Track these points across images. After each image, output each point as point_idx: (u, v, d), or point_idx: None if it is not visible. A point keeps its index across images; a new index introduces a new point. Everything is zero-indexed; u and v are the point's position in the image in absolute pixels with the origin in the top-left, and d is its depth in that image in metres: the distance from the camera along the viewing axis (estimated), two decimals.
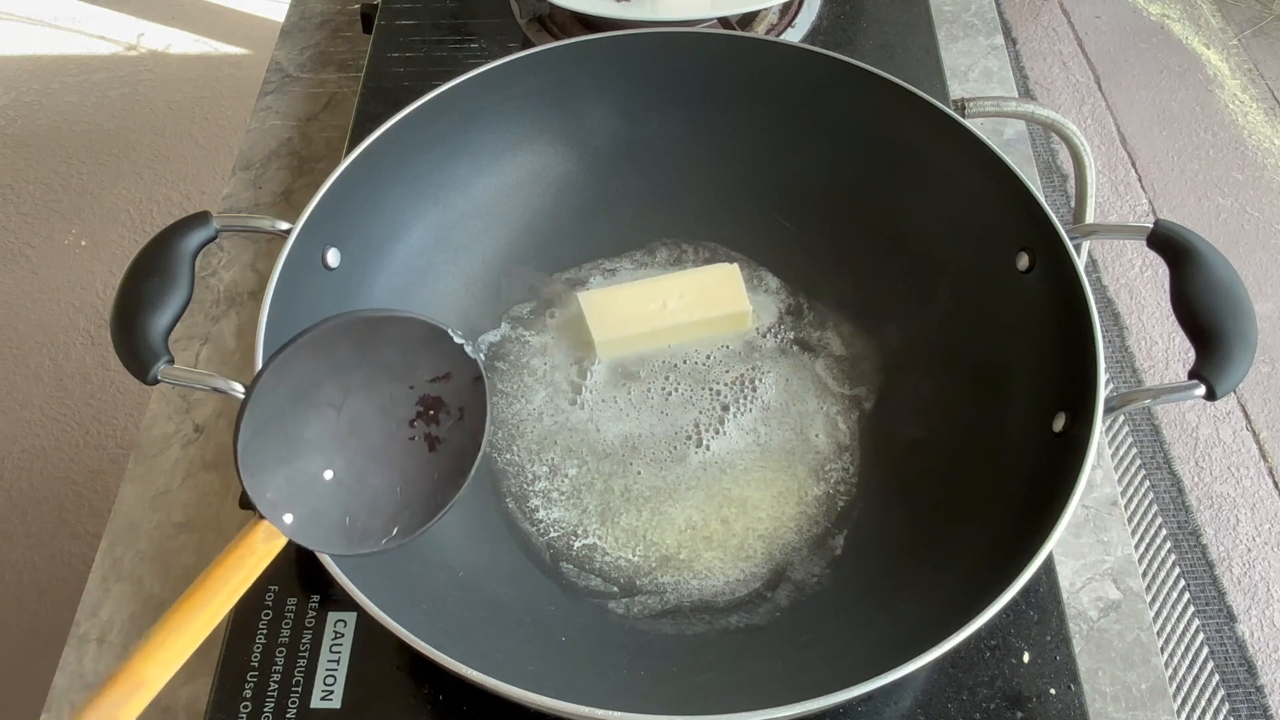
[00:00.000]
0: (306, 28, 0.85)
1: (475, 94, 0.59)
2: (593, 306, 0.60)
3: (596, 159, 0.64)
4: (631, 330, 0.60)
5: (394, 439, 0.33)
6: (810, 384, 0.60)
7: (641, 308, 0.60)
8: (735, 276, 0.61)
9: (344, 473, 0.32)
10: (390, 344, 0.33)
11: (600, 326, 0.59)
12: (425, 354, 0.33)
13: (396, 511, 0.33)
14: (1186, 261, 0.48)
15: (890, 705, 0.50)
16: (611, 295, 0.61)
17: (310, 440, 0.32)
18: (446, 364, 0.33)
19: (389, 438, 0.33)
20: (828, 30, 0.78)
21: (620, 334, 0.60)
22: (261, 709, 0.49)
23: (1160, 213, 1.68)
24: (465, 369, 0.33)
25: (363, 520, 0.33)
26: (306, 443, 0.32)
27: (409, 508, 0.33)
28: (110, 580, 0.56)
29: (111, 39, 1.99)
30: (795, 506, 0.55)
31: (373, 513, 0.33)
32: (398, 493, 0.33)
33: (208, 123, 1.85)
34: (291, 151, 0.76)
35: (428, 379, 0.33)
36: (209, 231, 0.50)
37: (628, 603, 0.52)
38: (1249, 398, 1.47)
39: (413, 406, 0.33)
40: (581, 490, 0.56)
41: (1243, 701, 1.22)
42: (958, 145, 0.56)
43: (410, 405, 0.33)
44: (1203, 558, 1.33)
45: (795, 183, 0.64)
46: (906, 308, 0.60)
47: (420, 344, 0.33)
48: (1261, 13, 1.99)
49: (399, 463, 0.33)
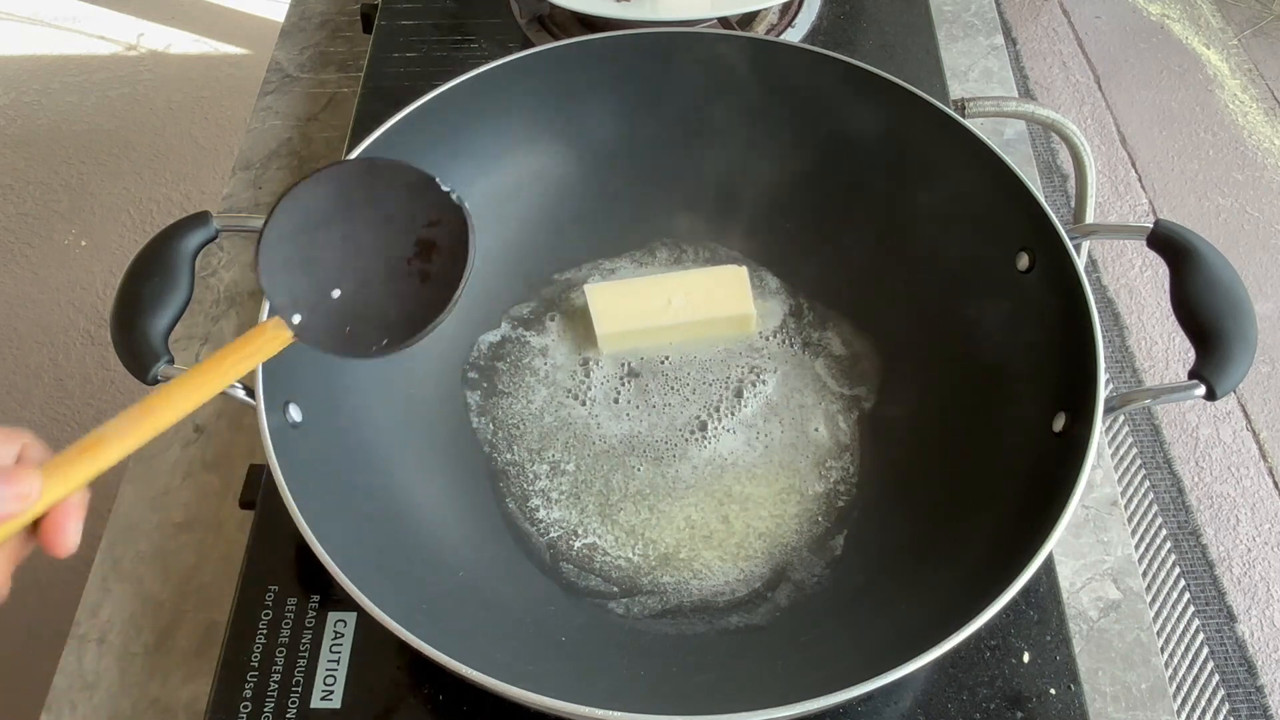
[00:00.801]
0: (306, 28, 0.85)
1: (475, 94, 0.58)
2: (598, 299, 0.60)
3: (596, 159, 0.64)
4: (634, 325, 0.60)
5: (393, 270, 0.40)
6: (810, 384, 0.60)
7: (646, 303, 0.60)
8: (742, 279, 0.61)
9: (348, 293, 0.39)
10: (389, 189, 0.40)
11: (604, 319, 0.59)
12: (420, 202, 0.40)
13: (388, 327, 0.39)
14: (1186, 261, 0.48)
15: (890, 705, 0.50)
16: (617, 289, 0.61)
17: (321, 262, 0.40)
18: (437, 211, 0.40)
19: (389, 269, 0.40)
20: (828, 30, 0.78)
21: (623, 328, 0.60)
22: (261, 709, 0.49)
23: (1160, 213, 1.68)
24: (453, 215, 0.40)
25: (359, 331, 0.39)
26: (318, 264, 0.40)
27: (399, 326, 0.39)
28: (110, 580, 0.56)
29: (111, 39, 1.99)
30: (795, 506, 0.55)
31: (368, 326, 0.39)
32: (391, 313, 0.39)
33: (208, 123, 1.85)
34: (291, 151, 0.76)
35: (423, 224, 0.40)
36: (209, 231, 0.50)
37: (628, 603, 0.52)
38: (1249, 398, 1.47)
39: (411, 246, 0.40)
40: (581, 490, 0.56)
41: (1243, 701, 1.22)
42: (958, 145, 0.56)
43: (409, 245, 0.40)
44: (1203, 558, 1.33)
45: (795, 183, 0.64)
46: (906, 308, 0.60)
47: (414, 191, 0.40)
48: (1261, 13, 1.99)
49: (395, 290, 0.40)
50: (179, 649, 0.53)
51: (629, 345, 0.61)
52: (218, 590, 0.55)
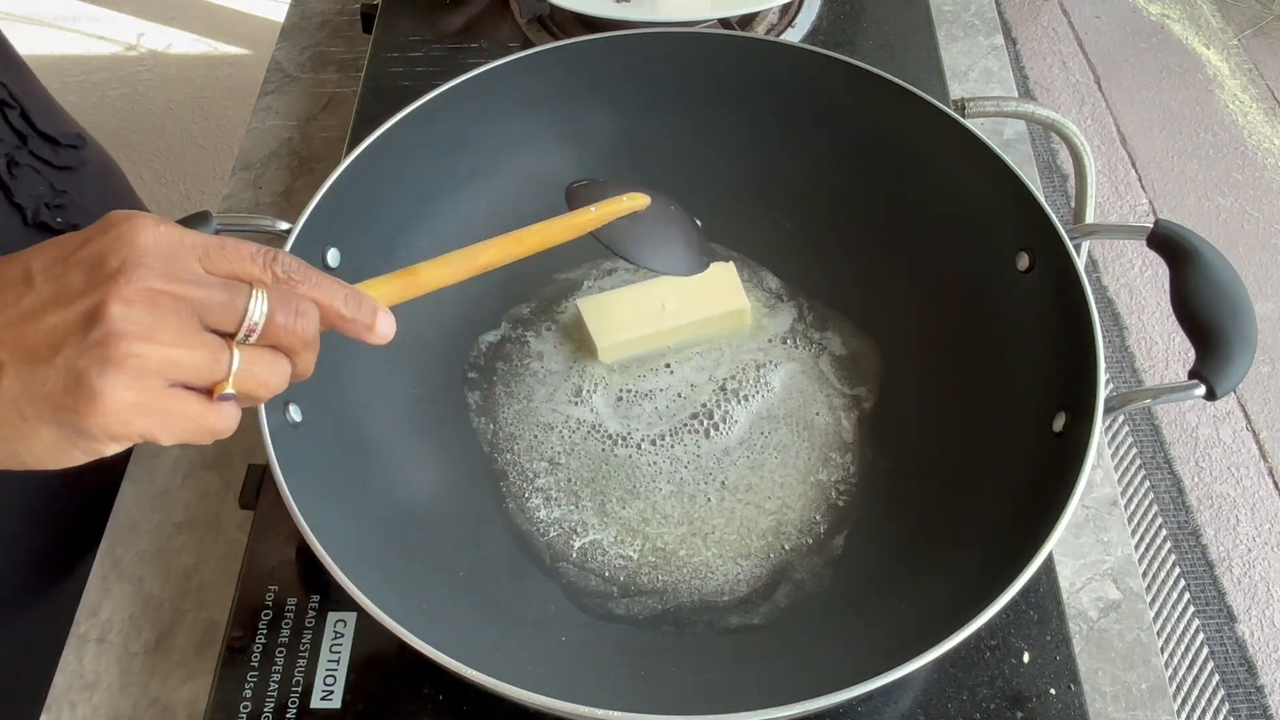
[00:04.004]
0: (306, 28, 0.85)
1: (475, 94, 0.58)
2: (592, 312, 0.60)
3: (597, 159, 0.64)
4: (632, 333, 0.60)
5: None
6: (810, 383, 0.60)
7: (641, 310, 0.60)
8: (732, 274, 0.61)
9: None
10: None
11: (601, 332, 0.59)
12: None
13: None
14: (1186, 261, 0.48)
15: (890, 705, 0.50)
16: (610, 300, 0.61)
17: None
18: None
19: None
20: (828, 30, 0.78)
21: (621, 338, 0.60)
22: (261, 709, 0.49)
23: (1160, 213, 1.69)
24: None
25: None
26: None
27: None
28: (110, 580, 0.56)
29: (111, 39, 1.99)
30: (796, 506, 0.55)
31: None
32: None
33: (208, 123, 1.85)
34: (291, 151, 0.76)
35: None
36: (209, 231, 0.51)
37: (628, 603, 0.52)
38: (1249, 398, 1.47)
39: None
40: (581, 489, 0.56)
41: (1243, 701, 1.22)
42: (958, 145, 0.56)
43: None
44: (1203, 558, 1.33)
45: (795, 183, 0.64)
46: (906, 307, 0.60)
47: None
48: (1261, 13, 1.99)
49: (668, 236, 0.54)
50: (179, 649, 0.53)
51: (629, 353, 0.61)
52: (218, 590, 0.55)
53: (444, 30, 0.78)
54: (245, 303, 0.32)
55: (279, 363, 0.34)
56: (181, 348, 0.30)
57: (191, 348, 0.31)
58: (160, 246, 0.31)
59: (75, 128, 0.67)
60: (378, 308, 0.36)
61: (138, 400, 0.30)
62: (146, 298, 0.30)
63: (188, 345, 0.31)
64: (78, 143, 0.64)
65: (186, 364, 0.31)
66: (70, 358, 0.29)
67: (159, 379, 0.30)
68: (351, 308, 0.35)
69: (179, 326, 0.30)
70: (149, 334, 0.30)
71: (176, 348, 0.30)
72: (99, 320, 0.29)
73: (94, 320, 0.29)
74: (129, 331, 0.29)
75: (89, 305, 0.30)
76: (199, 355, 0.31)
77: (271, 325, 0.32)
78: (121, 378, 0.29)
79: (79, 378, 0.29)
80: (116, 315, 0.29)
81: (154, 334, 0.30)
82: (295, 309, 0.33)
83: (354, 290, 0.36)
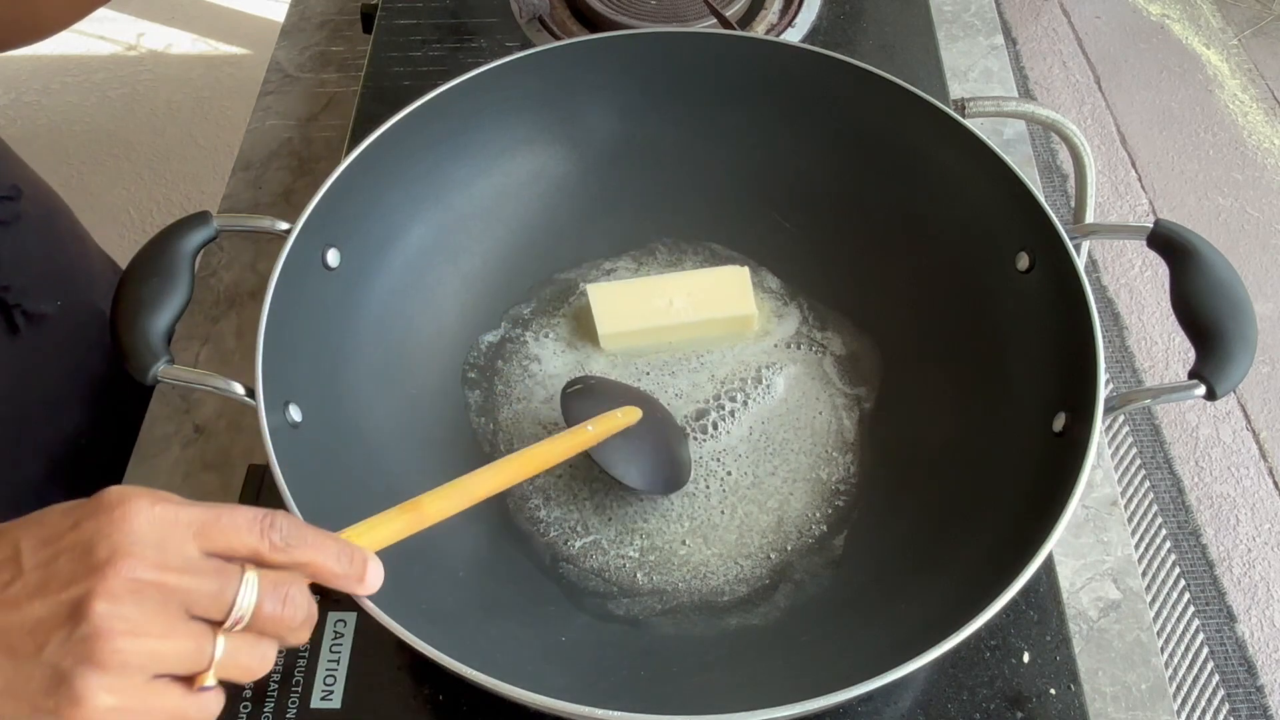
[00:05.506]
0: (306, 28, 0.85)
1: (475, 94, 0.58)
2: (600, 299, 0.60)
3: (597, 159, 0.64)
4: (636, 325, 0.60)
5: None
6: (810, 383, 0.60)
7: (647, 304, 0.60)
8: (744, 279, 0.61)
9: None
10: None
11: (605, 319, 0.59)
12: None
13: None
14: (1186, 261, 0.48)
15: (890, 705, 0.50)
16: (619, 289, 0.61)
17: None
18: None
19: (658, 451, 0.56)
20: (828, 30, 0.78)
21: (624, 328, 0.60)
22: (261, 709, 0.49)
23: (1160, 213, 1.69)
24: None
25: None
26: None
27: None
28: None
29: (111, 39, 1.99)
30: (796, 506, 0.55)
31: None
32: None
33: (208, 123, 1.85)
34: (291, 151, 0.76)
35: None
36: (209, 231, 0.50)
37: (628, 603, 0.52)
38: (1249, 398, 1.47)
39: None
40: (580, 489, 0.56)
41: (1243, 701, 1.22)
42: (958, 145, 0.56)
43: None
44: (1203, 558, 1.33)
45: (795, 183, 0.64)
46: (906, 308, 0.60)
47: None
48: (1261, 13, 1.99)
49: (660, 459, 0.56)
50: None
51: (630, 345, 0.61)
52: None
53: (444, 30, 0.78)
54: (234, 594, 0.32)
55: (265, 648, 0.33)
56: (166, 639, 0.30)
57: (176, 638, 0.31)
58: (154, 530, 0.31)
59: (10, 178, 0.63)
60: (368, 560, 0.37)
61: (118, 703, 0.29)
62: (133, 590, 0.30)
63: (173, 636, 0.30)
64: (13, 193, 0.61)
65: (170, 655, 0.30)
66: (54, 655, 0.29)
67: (141, 674, 0.30)
68: (344, 564, 0.35)
69: (165, 620, 0.30)
70: (134, 629, 0.29)
71: (161, 639, 0.30)
72: (85, 616, 0.29)
73: (80, 615, 0.29)
74: (114, 629, 0.29)
75: (75, 597, 0.29)
76: (183, 646, 0.31)
77: (259, 615, 0.32)
78: (105, 680, 0.29)
79: (62, 678, 0.29)
80: (102, 612, 0.29)
81: (139, 628, 0.30)
82: (284, 597, 0.33)
83: (346, 545, 0.36)
